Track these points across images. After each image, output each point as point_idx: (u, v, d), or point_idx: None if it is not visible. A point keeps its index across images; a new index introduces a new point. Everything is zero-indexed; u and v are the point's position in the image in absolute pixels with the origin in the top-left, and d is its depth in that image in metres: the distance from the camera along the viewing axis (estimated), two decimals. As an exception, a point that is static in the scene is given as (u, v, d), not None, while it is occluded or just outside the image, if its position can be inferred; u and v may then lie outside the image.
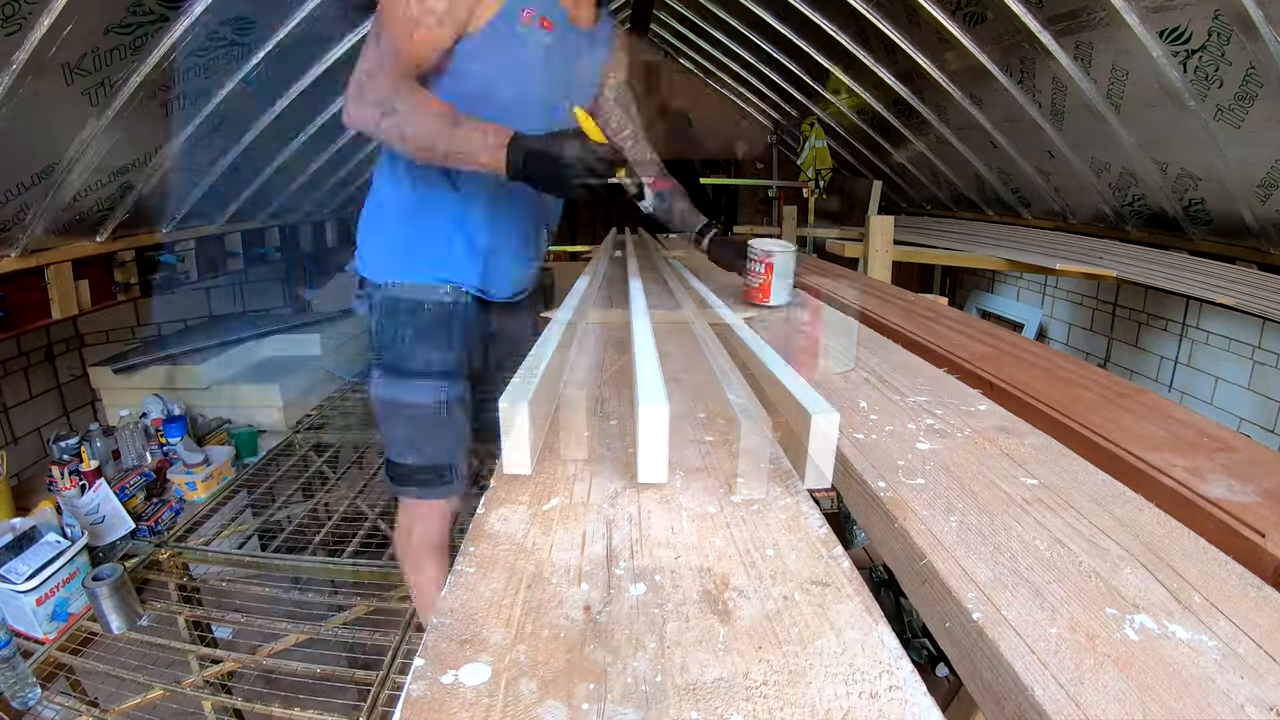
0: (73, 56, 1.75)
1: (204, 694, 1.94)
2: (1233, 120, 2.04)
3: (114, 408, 3.15)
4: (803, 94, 4.33)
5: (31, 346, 3.14)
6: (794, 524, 0.58)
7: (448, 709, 0.37)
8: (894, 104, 3.60)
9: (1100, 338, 3.78)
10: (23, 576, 1.87)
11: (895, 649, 0.42)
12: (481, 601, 0.47)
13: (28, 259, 2.16)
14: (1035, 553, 0.53)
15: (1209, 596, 0.48)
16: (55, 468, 2.57)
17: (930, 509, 0.60)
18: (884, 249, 2.61)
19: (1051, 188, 3.24)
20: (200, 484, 2.64)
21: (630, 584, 0.49)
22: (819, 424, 0.60)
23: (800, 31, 3.52)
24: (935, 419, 0.82)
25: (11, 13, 1.52)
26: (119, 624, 1.94)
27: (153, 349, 3.39)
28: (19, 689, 1.70)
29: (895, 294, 1.74)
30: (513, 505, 0.61)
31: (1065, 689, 0.39)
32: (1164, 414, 0.82)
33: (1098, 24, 2.12)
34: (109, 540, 2.25)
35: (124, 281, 2.64)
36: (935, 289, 4.97)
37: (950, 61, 2.93)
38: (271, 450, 3.14)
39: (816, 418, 0.60)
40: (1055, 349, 1.22)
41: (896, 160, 4.31)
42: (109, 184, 2.27)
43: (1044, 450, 0.73)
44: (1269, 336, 2.79)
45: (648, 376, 0.66)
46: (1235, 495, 0.61)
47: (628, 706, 0.37)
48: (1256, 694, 0.39)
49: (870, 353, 1.14)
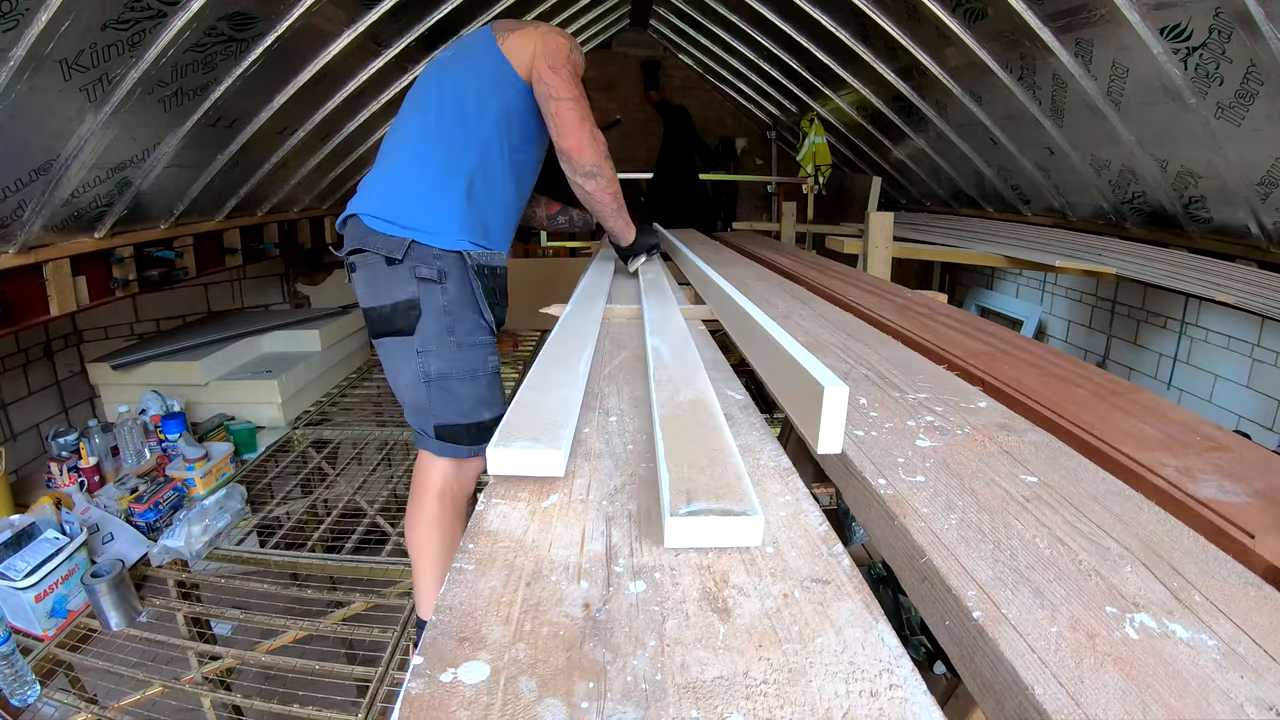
0: (70, 52, 1.74)
1: (203, 690, 1.94)
2: (1233, 118, 2.04)
3: (113, 404, 3.15)
4: (803, 90, 4.32)
5: (30, 343, 3.14)
6: (794, 521, 0.58)
7: (446, 707, 0.36)
8: (894, 100, 3.59)
9: (1099, 335, 3.78)
10: (22, 573, 1.87)
11: (895, 647, 0.42)
12: (480, 599, 0.46)
13: (26, 255, 2.15)
14: (1035, 551, 0.53)
15: (1209, 595, 0.47)
16: (54, 464, 2.57)
17: (930, 506, 0.60)
18: (883, 245, 2.61)
19: (1051, 185, 3.23)
20: (199, 480, 2.64)
21: (630, 581, 0.49)
22: (830, 396, 0.64)
23: (801, 28, 3.51)
24: (935, 416, 0.82)
25: (9, 8, 1.51)
26: (118, 620, 1.94)
27: (151, 345, 3.39)
28: (18, 686, 1.70)
29: (891, 290, 1.74)
30: (512, 502, 0.61)
31: (1065, 688, 0.39)
32: (1157, 412, 0.82)
33: (1098, 21, 2.12)
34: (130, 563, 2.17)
35: (122, 278, 2.64)
36: (935, 286, 4.97)
37: (950, 58, 2.93)
38: (270, 446, 3.14)
39: (829, 390, 0.63)
40: (1051, 346, 1.22)
41: (896, 156, 4.30)
42: (107, 180, 2.26)
43: (1044, 448, 0.73)
44: (1268, 334, 2.79)
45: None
46: (1226, 495, 0.61)
47: (627, 705, 0.37)
48: (1256, 693, 0.39)
49: (869, 349, 1.14)
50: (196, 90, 2.27)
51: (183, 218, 2.88)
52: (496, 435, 0.67)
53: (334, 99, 3.03)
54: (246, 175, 3.08)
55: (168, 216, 2.80)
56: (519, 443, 0.66)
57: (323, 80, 2.79)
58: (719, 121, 5.39)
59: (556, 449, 0.65)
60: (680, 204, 4.34)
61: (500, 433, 0.68)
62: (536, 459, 0.65)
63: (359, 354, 4.36)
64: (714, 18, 4.19)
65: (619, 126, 5.03)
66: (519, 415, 0.73)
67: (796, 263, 2.31)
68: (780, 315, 1.44)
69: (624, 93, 5.24)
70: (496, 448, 0.65)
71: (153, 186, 2.50)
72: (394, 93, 3.38)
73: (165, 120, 2.27)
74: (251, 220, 3.49)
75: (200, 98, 2.31)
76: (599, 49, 5.13)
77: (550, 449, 0.65)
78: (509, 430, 0.69)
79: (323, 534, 2.47)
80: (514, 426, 0.70)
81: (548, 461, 0.65)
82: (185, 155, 2.51)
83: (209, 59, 2.18)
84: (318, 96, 2.94)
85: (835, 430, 0.65)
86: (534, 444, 0.65)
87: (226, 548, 2.31)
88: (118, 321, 3.68)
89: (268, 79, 2.55)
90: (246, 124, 2.69)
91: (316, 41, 2.60)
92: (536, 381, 0.86)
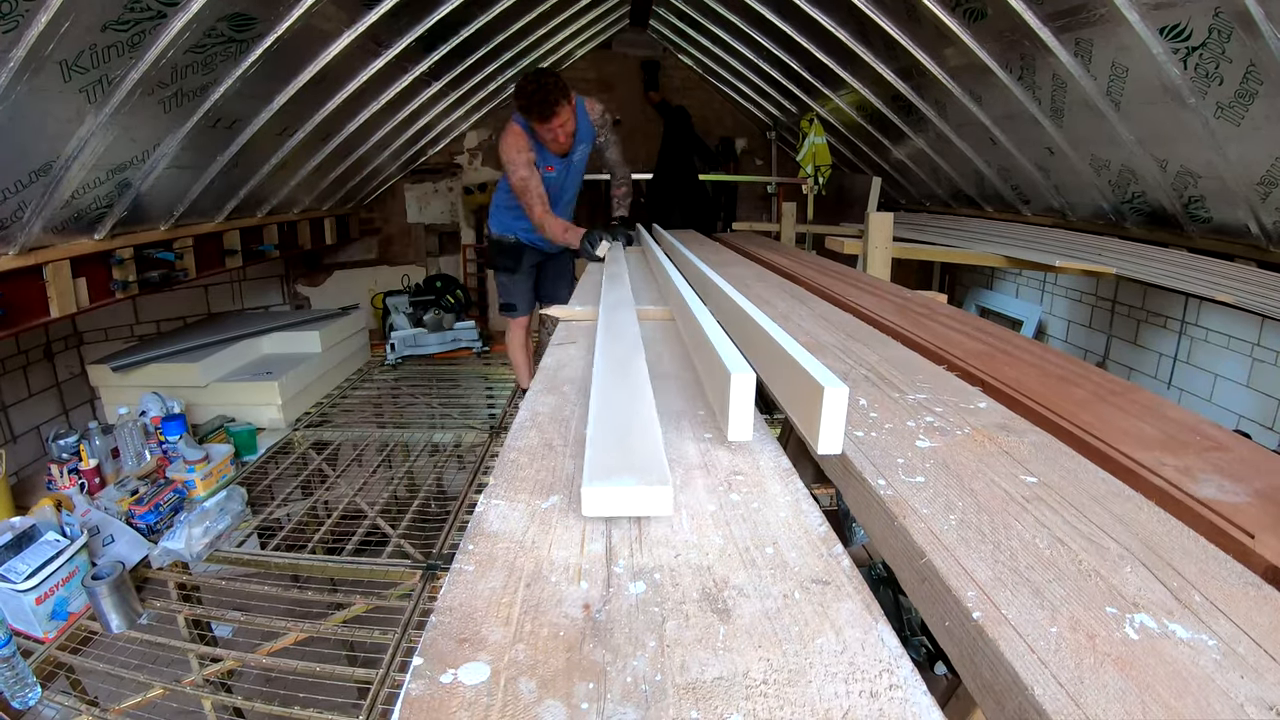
0: (70, 54, 1.74)
1: (204, 693, 1.94)
2: (1233, 118, 2.04)
3: (113, 405, 3.15)
4: (802, 90, 4.32)
5: (30, 345, 3.14)
6: (794, 522, 0.58)
7: (447, 708, 0.36)
8: (893, 100, 3.59)
9: (1099, 335, 3.78)
10: (22, 576, 1.87)
11: (895, 648, 0.42)
12: (480, 600, 0.46)
13: (26, 257, 2.15)
14: (1035, 551, 0.53)
15: (1209, 595, 0.47)
16: (54, 466, 2.57)
17: (930, 507, 0.60)
18: (883, 246, 2.61)
19: (1051, 185, 3.23)
20: (200, 481, 2.64)
21: (629, 582, 0.49)
22: (830, 396, 0.64)
23: (800, 28, 3.51)
24: (935, 416, 0.82)
25: (9, 10, 1.51)
26: (118, 623, 1.94)
27: (151, 347, 3.39)
28: (19, 688, 1.70)
29: (891, 290, 1.74)
30: (512, 503, 0.61)
31: (1065, 688, 0.39)
32: (1157, 412, 0.82)
33: (1098, 21, 2.12)
34: (130, 565, 2.18)
35: (122, 279, 2.64)
36: (934, 286, 4.97)
37: (950, 58, 2.93)
38: (270, 448, 3.14)
39: (828, 390, 0.63)
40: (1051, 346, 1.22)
41: (896, 157, 4.30)
42: (107, 181, 2.26)
43: (1044, 448, 0.73)
44: (1268, 334, 2.79)
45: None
46: (1226, 495, 0.61)
47: (627, 706, 0.37)
48: (1256, 693, 0.39)
49: (869, 349, 1.13)
50: (196, 91, 2.27)
51: (183, 219, 2.88)
52: (588, 473, 0.59)
53: (334, 100, 3.03)
54: (246, 176, 3.08)
55: (168, 218, 2.80)
56: (619, 479, 0.57)
57: (323, 81, 2.80)
58: (719, 122, 5.38)
59: (664, 484, 0.57)
60: (680, 204, 4.34)
61: (589, 471, 0.59)
62: (641, 496, 0.56)
63: (359, 355, 4.36)
64: (714, 18, 4.19)
65: (618, 127, 5.04)
66: (602, 446, 0.64)
67: (796, 263, 2.31)
68: (780, 315, 1.44)
69: (624, 93, 5.24)
70: (593, 485, 0.56)
71: (152, 188, 2.50)
72: (394, 93, 3.38)
73: (165, 121, 2.27)
74: (251, 221, 3.50)
75: (200, 99, 2.31)
76: (599, 49, 5.14)
77: (657, 485, 0.57)
78: (597, 467, 0.60)
79: (323, 536, 2.47)
80: (598, 462, 0.61)
81: (654, 499, 0.57)
82: (185, 156, 2.51)
83: (209, 60, 2.18)
84: (318, 97, 2.94)
85: (835, 431, 0.65)
86: (633, 480, 0.57)
87: (227, 550, 2.31)
88: (118, 323, 3.69)
89: (267, 80, 2.55)
90: (246, 125, 2.69)
91: (316, 42, 2.60)
92: (603, 410, 0.74)
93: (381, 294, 4.77)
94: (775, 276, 2.05)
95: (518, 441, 0.75)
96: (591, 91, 4.95)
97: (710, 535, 0.56)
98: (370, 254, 5.20)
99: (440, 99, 3.97)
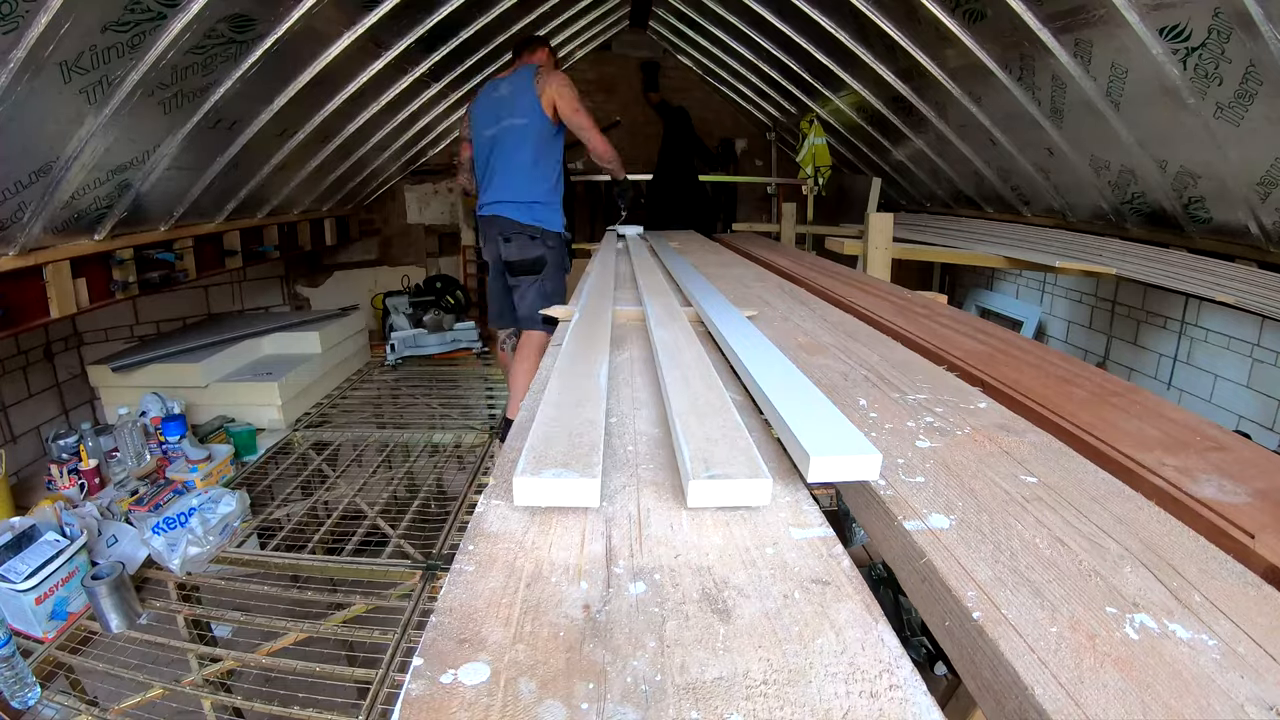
0: (70, 54, 1.74)
1: (203, 693, 1.93)
2: (1232, 118, 2.04)
3: (113, 406, 3.14)
4: (802, 91, 4.32)
5: (30, 345, 3.14)
6: (794, 522, 0.58)
7: (446, 709, 0.36)
8: (893, 101, 3.59)
9: (1099, 335, 3.78)
10: (22, 575, 1.87)
11: (895, 648, 0.42)
12: (480, 600, 0.46)
13: (26, 257, 2.15)
14: (1035, 551, 0.53)
15: (1209, 595, 0.47)
16: (54, 466, 2.57)
17: (930, 507, 0.60)
18: (883, 246, 2.62)
19: (1051, 185, 3.24)
20: (200, 482, 2.64)
21: (629, 582, 0.49)
22: (865, 464, 0.61)
23: (800, 29, 3.52)
24: (935, 416, 0.82)
25: (9, 10, 1.51)
26: (118, 623, 1.94)
27: (151, 347, 3.39)
28: (18, 688, 1.70)
29: (891, 291, 1.74)
30: (512, 503, 0.61)
31: (1065, 688, 0.39)
32: (1157, 412, 0.82)
33: (1097, 21, 2.12)
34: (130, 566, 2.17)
35: (122, 280, 2.64)
36: (935, 287, 4.97)
37: (950, 59, 2.93)
38: (270, 448, 3.14)
39: (814, 460, 0.61)
40: (1051, 347, 1.22)
41: (896, 158, 4.30)
42: (107, 182, 2.26)
43: (1044, 448, 0.73)
44: (1268, 334, 2.79)
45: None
46: (1226, 495, 0.61)
47: (627, 706, 0.37)
48: (1257, 693, 0.39)
49: (869, 349, 1.14)
50: (196, 92, 2.27)
51: (183, 220, 2.88)
52: (523, 463, 0.61)
53: (334, 101, 3.04)
54: (246, 177, 3.08)
55: (168, 218, 2.80)
56: (548, 471, 0.59)
57: (322, 82, 2.80)
58: (719, 123, 5.38)
59: (591, 477, 0.59)
60: (680, 205, 4.34)
61: (526, 458, 0.62)
62: (567, 488, 0.58)
63: (359, 356, 4.36)
64: (713, 19, 4.19)
65: (618, 128, 5.04)
66: (543, 436, 0.67)
67: (796, 264, 2.31)
68: (780, 316, 1.44)
69: (623, 94, 5.24)
70: (523, 476, 0.58)
71: (152, 188, 2.50)
72: (394, 94, 3.38)
73: (165, 122, 2.27)
74: (251, 222, 3.50)
75: (200, 100, 2.31)
76: (599, 50, 5.14)
77: (583, 477, 0.58)
78: (535, 456, 0.62)
79: (323, 536, 2.47)
80: (538, 451, 0.63)
81: (580, 491, 0.58)
82: (185, 157, 2.51)
83: (209, 61, 2.18)
84: (318, 98, 2.95)
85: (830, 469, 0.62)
86: (564, 472, 0.60)
87: (227, 550, 2.30)
88: (118, 324, 3.69)
89: (267, 81, 2.55)
90: (246, 126, 2.69)
91: (316, 43, 2.60)
92: (555, 398, 0.80)
93: (381, 295, 4.77)
94: (775, 277, 2.05)
95: (518, 441, 0.75)
96: (592, 92, 4.95)
97: (710, 535, 0.56)
98: (370, 255, 5.20)
99: (440, 100, 3.98)
